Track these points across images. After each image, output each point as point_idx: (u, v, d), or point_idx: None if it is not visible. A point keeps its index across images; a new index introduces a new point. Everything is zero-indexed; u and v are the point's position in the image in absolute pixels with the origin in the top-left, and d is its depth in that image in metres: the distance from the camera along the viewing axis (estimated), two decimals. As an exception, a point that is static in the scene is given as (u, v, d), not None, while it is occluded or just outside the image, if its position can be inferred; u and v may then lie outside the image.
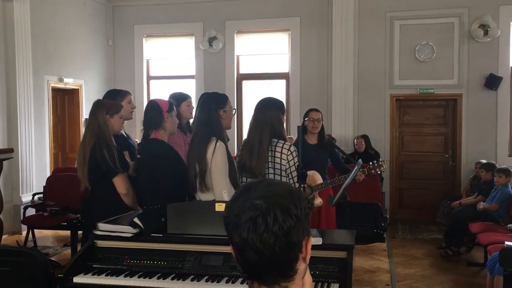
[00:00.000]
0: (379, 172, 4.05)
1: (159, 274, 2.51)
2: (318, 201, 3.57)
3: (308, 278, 1.18)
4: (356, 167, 3.53)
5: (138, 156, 3.39)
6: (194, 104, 4.09)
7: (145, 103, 8.45)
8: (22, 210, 6.18)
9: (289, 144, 3.15)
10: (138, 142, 4.10)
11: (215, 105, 3.11)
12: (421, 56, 7.53)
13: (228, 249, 2.45)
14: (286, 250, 1.06)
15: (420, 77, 7.54)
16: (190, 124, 3.99)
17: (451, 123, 7.65)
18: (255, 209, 1.06)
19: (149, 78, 8.86)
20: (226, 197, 2.93)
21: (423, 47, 7.51)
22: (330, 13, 7.74)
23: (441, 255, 5.65)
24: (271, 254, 1.05)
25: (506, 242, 3.90)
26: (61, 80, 7.61)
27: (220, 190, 2.99)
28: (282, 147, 3.10)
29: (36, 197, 6.47)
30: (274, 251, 1.05)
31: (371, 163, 4.04)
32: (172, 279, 2.47)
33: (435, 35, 7.49)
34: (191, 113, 3.92)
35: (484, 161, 6.44)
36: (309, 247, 1.12)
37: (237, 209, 1.08)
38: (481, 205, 5.59)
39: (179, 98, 3.78)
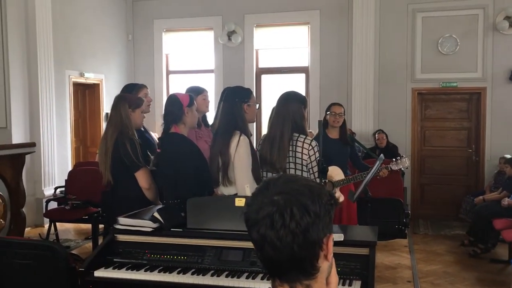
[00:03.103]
0: (402, 168, 3.98)
1: (179, 269, 2.50)
2: (341, 198, 3.53)
3: (334, 278, 1.15)
4: (377, 162, 3.48)
5: (159, 150, 3.39)
6: (211, 98, 4.08)
7: (164, 97, 8.52)
8: (44, 204, 6.26)
9: (310, 139, 3.11)
10: (157, 136, 4.12)
11: (239, 99, 3.10)
12: (444, 49, 7.38)
13: (248, 244, 2.44)
14: (305, 247, 1.04)
15: (443, 70, 7.40)
16: (206, 117, 3.98)
17: (474, 117, 7.50)
18: (273, 205, 1.03)
19: (168, 72, 8.89)
20: (248, 192, 2.91)
21: (446, 39, 7.36)
22: (351, 5, 7.64)
23: (468, 254, 5.49)
24: (289, 251, 1.03)
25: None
26: (82, 74, 7.68)
27: (242, 184, 2.98)
28: (303, 142, 3.07)
29: (58, 190, 6.55)
30: (292, 248, 1.03)
31: (394, 159, 3.97)
32: (192, 274, 2.46)
33: (458, 27, 7.33)
34: (207, 107, 3.92)
35: (508, 156, 6.31)
36: (331, 244, 1.09)
37: (256, 205, 1.06)
38: (506, 201, 5.47)
39: (195, 92, 3.77)
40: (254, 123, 7.96)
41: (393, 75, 7.58)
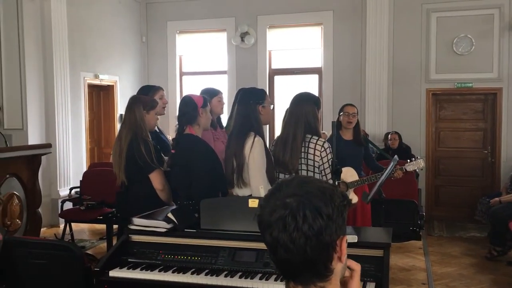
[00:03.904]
0: (417, 170, 3.94)
1: (193, 270, 2.51)
2: (354, 199, 3.51)
3: (356, 283, 1.15)
4: (392, 163, 3.45)
5: (173, 151, 3.41)
6: (225, 99, 4.09)
7: (178, 99, 8.56)
8: (59, 204, 6.33)
9: (323, 140, 3.10)
10: (171, 137, 4.14)
11: (254, 101, 3.10)
12: (459, 49, 7.31)
13: (261, 245, 2.44)
14: (318, 250, 1.04)
15: (458, 70, 7.32)
16: (221, 119, 4.00)
17: (490, 118, 7.41)
18: (285, 208, 1.03)
19: (182, 74, 8.93)
20: (263, 193, 2.91)
21: (461, 39, 7.29)
22: (364, 6, 7.61)
23: (485, 256, 5.41)
24: (302, 254, 1.03)
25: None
26: (96, 76, 7.76)
27: (257, 186, 2.98)
28: (316, 144, 3.06)
29: (73, 191, 6.63)
30: (305, 251, 1.03)
31: (409, 160, 3.94)
32: (206, 274, 2.46)
33: (473, 27, 7.25)
34: (222, 109, 3.93)
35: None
36: (344, 246, 1.09)
37: (269, 208, 1.06)
38: (523, 203, 5.39)
39: (210, 94, 3.78)
40: (267, 125, 7.98)
41: (407, 75, 7.53)
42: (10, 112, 6.53)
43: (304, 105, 3.12)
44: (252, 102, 3.10)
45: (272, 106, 3.31)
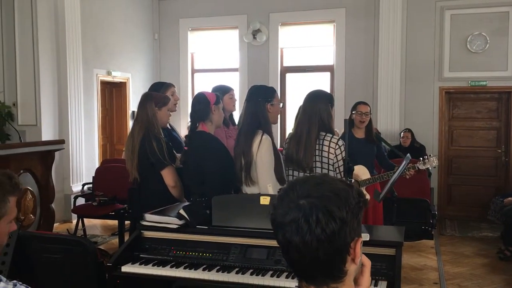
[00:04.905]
0: (430, 168, 3.90)
1: (204, 266, 2.52)
2: (366, 197, 3.49)
3: (367, 281, 1.14)
4: (404, 162, 3.43)
5: (185, 148, 3.42)
6: (236, 96, 4.09)
7: (190, 96, 8.59)
8: (72, 200, 6.39)
9: (337, 138, 3.09)
10: (183, 134, 4.16)
11: (262, 99, 3.09)
12: (473, 47, 7.23)
13: (272, 243, 2.44)
14: (331, 253, 1.03)
15: (472, 69, 7.25)
16: (233, 116, 4.00)
17: (504, 117, 7.33)
18: (299, 211, 1.02)
19: (194, 71, 8.95)
20: (271, 191, 2.91)
21: (476, 37, 7.21)
22: (377, 3, 7.56)
23: (498, 256, 5.37)
24: (315, 257, 1.02)
25: None
26: (109, 73, 7.80)
27: (265, 184, 2.98)
28: (330, 141, 3.05)
29: (85, 187, 6.68)
30: (318, 254, 1.02)
31: (421, 158, 3.91)
32: (217, 271, 2.47)
33: (488, 25, 7.16)
34: (234, 106, 3.93)
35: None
36: (359, 248, 1.07)
37: (282, 209, 1.05)
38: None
39: (222, 91, 3.79)
40: (278, 122, 7.96)
41: (420, 73, 7.47)
42: (24, 109, 6.61)
43: (318, 102, 3.10)
44: (260, 99, 3.09)
45: (281, 104, 3.29)
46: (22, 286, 1.41)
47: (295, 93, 8.11)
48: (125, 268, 2.55)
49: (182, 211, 2.68)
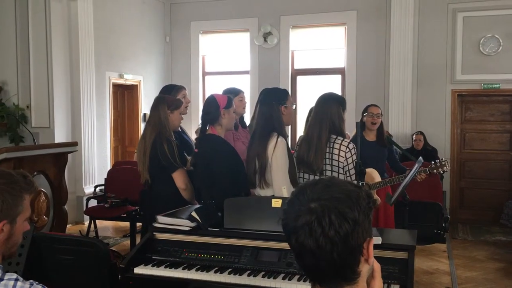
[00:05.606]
0: (442, 172, 3.88)
1: (216, 268, 2.53)
2: (377, 201, 3.48)
3: (378, 283, 1.14)
4: (416, 165, 3.41)
5: (196, 150, 3.44)
6: (247, 99, 4.10)
7: (201, 99, 8.62)
8: (84, 201, 6.45)
9: (348, 141, 3.09)
10: (194, 137, 4.18)
11: (277, 101, 3.10)
12: (486, 50, 7.17)
13: (284, 245, 2.44)
14: (345, 255, 1.03)
15: (485, 71, 7.19)
16: (244, 119, 4.01)
17: (517, 120, 7.26)
18: (311, 214, 1.02)
19: (205, 73, 8.99)
20: (286, 193, 2.91)
21: (488, 40, 7.15)
22: (389, 6, 7.53)
23: (511, 261, 5.32)
24: (329, 259, 1.03)
25: None
26: (121, 76, 7.86)
27: (279, 186, 2.98)
28: (341, 144, 3.05)
29: (97, 189, 6.73)
30: (332, 256, 1.02)
31: (433, 162, 3.88)
32: (229, 273, 2.48)
33: (501, 27, 7.10)
34: (244, 108, 3.94)
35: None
36: (371, 248, 1.08)
37: (294, 213, 1.05)
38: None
39: (232, 93, 3.80)
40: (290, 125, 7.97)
41: (432, 76, 7.42)
42: (37, 111, 6.69)
43: (329, 105, 3.11)
44: (274, 102, 3.10)
45: (294, 106, 3.30)
46: (39, 286, 1.43)
47: (306, 96, 8.10)
48: (138, 270, 2.56)
49: (194, 213, 2.69)
